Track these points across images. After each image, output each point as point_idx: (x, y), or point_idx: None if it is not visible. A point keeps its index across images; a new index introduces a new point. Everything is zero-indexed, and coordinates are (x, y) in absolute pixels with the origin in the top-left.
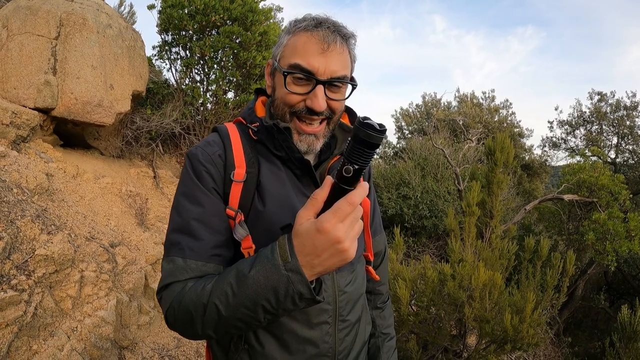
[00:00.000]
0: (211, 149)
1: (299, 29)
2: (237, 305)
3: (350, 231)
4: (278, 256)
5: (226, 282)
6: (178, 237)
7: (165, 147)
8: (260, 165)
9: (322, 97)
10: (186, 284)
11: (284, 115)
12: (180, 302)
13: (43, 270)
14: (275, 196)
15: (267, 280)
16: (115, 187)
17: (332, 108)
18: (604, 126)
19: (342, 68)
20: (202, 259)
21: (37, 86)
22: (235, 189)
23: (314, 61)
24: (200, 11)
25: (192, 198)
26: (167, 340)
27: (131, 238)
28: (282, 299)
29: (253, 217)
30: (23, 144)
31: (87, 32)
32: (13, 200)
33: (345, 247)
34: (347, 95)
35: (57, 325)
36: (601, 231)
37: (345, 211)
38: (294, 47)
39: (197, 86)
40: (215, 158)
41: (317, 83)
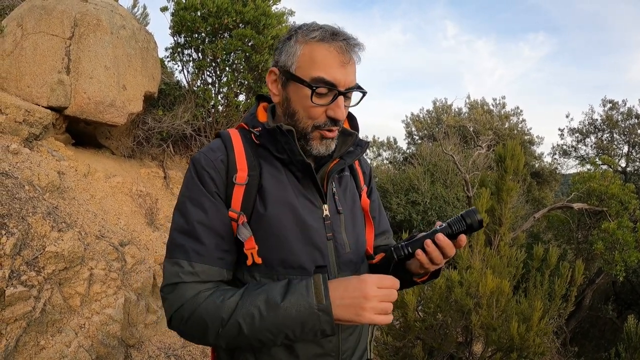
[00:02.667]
0: (213, 155)
1: (314, 40)
2: (261, 329)
3: (378, 299)
4: (313, 296)
5: (254, 305)
6: (182, 238)
7: (176, 148)
8: (262, 168)
9: (343, 107)
10: (199, 292)
11: (306, 129)
12: (194, 311)
13: (53, 267)
14: (276, 199)
15: (298, 315)
16: (125, 186)
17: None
18: (614, 134)
19: (355, 78)
20: (207, 263)
21: (50, 85)
22: (238, 192)
23: (336, 74)
24: (213, 14)
25: (196, 202)
26: (173, 340)
27: (140, 237)
28: (306, 332)
29: (255, 220)
30: (35, 142)
31: (101, 32)
32: (25, 197)
33: (367, 306)
34: (357, 102)
35: (65, 321)
36: (610, 240)
37: (386, 283)
38: (313, 59)
39: (209, 88)
40: (218, 163)
41: (339, 94)
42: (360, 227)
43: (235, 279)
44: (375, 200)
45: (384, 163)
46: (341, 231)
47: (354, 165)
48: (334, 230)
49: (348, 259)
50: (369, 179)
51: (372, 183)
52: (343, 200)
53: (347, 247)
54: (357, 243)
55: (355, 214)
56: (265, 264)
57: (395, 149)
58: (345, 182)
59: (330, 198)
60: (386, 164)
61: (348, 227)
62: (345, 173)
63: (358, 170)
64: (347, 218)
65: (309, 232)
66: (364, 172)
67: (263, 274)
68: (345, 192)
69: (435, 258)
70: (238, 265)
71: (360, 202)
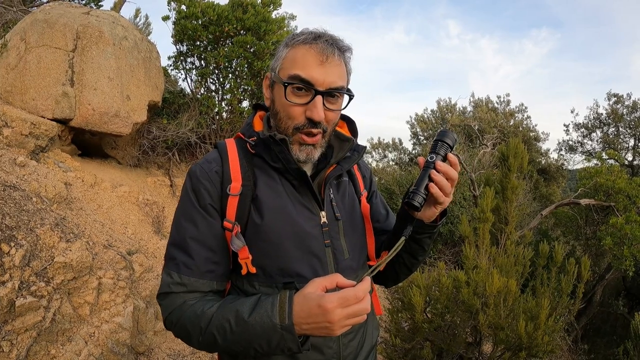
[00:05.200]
0: (208, 166)
1: (298, 42)
2: (233, 341)
3: (344, 319)
4: (277, 314)
5: (225, 318)
6: (175, 252)
7: (182, 156)
8: (257, 178)
9: (321, 107)
10: (185, 301)
11: (287, 130)
12: (179, 319)
13: (62, 277)
14: (272, 208)
15: (263, 332)
16: (132, 195)
17: (328, 119)
18: (620, 128)
19: (339, 79)
20: (194, 276)
21: (55, 97)
22: (232, 202)
23: (314, 72)
24: (214, 22)
25: (188, 217)
26: (182, 347)
27: (148, 246)
28: (273, 347)
29: (251, 230)
30: (42, 154)
31: (103, 44)
32: (32, 209)
33: (333, 329)
34: (343, 106)
35: (75, 330)
36: (618, 236)
37: (349, 301)
38: (293, 59)
39: (212, 95)
40: (212, 175)
41: (316, 93)
42: (359, 233)
43: (236, 287)
44: (378, 202)
45: (389, 164)
46: (339, 237)
47: (352, 170)
48: (332, 236)
49: (347, 265)
50: (369, 182)
51: (373, 186)
52: (341, 206)
53: (345, 253)
54: (357, 248)
55: (355, 219)
56: (264, 272)
57: (401, 150)
58: (344, 187)
59: (327, 204)
60: (392, 165)
61: (347, 233)
62: (344, 179)
63: (357, 174)
64: (346, 224)
65: (307, 239)
66: (364, 176)
67: (262, 283)
68: (344, 197)
69: (445, 186)
70: (237, 274)
71: (360, 207)
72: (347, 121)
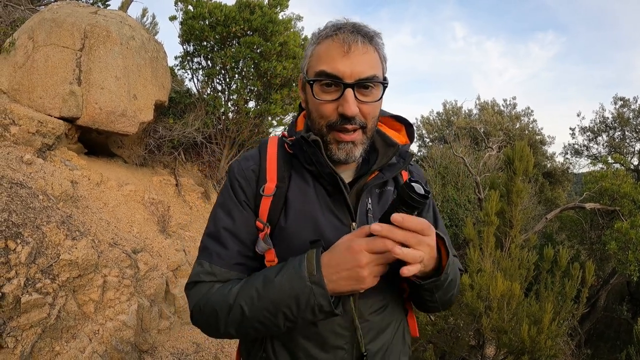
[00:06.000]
0: (246, 164)
1: (321, 37)
2: (260, 308)
3: (372, 264)
4: (305, 268)
5: (253, 286)
6: (209, 242)
7: (188, 155)
8: (291, 180)
9: (352, 100)
10: (213, 286)
11: (321, 129)
12: (207, 302)
13: (67, 274)
14: (298, 212)
15: (292, 289)
16: (138, 194)
17: (363, 112)
18: (626, 132)
19: (368, 68)
20: (225, 267)
21: (62, 96)
22: (265, 203)
23: (338, 64)
24: (221, 22)
25: (225, 209)
26: (186, 346)
27: (153, 245)
28: (302, 308)
29: (277, 232)
30: (49, 152)
31: (110, 43)
32: (39, 207)
33: (363, 274)
34: (379, 97)
35: (79, 328)
36: (623, 240)
37: (377, 246)
38: (318, 56)
39: (219, 96)
40: (249, 173)
41: (345, 87)
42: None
43: None
44: (428, 219)
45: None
46: None
47: (400, 178)
48: None
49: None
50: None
51: (429, 200)
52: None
53: None
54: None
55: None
56: None
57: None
58: (387, 198)
59: (361, 215)
60: None
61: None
62: (388, 188)
63: None
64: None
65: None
66: None
67: None
68: (383, 208)
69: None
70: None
71: None
72: (405, 124)
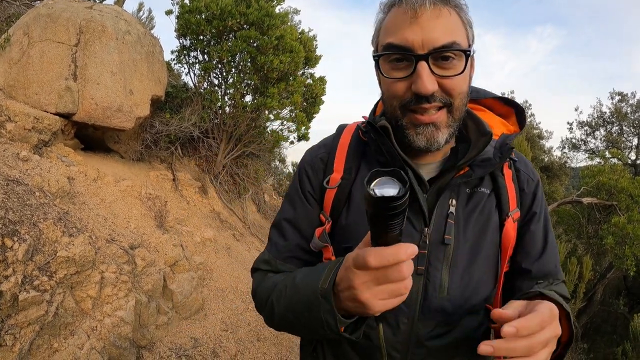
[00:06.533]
0: (317, 152)
1: (385, 7)
2: (285, 308)
3: (373, 284)
4: (322, 277)
5: (284, 284)
6: (272, 232)
7: (184, 150)
8: (359, 172)
9: (427, 75)
10: (266, 275)
11: (395, 112)
12: (257, 290)
13: (64, 271)
14: (360, 209)
15: (306, 297)
16: (135, 189)
17: (446, 88)
18: (624, 127)
19: (444, 34)
20: (280, 258)
21: (58, 92)
22: (329, 196)
23: (406, 33)
24: (217, 16)
25: (290, 199)
26: (184, 341)
27: (150, 240)
28: (313, 320)
29: (337, 229)
30: (45, 148)
31: (106, 38)
32: (35, 204)
33: (361, 297)
34: (462, 69)
35: (77, 324)
36: (620, 235)
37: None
38: (385, 28)
39: (215, 90)
40: (317, 162)
41: (417, 60)
42: (481, 266)
43: None
44: (537, 229)
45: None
46: (440, 267)
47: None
48: (430, 263)
49: (440, 306)
50: (530, 200)
51: (537, 206)
52: (463, 226)
53: (443, 289)
54: (468, 287)
55: (481, 247)
56: None
57: None
58: (477, 201)
59: (439, 220)
60: None
61: (458, 264)
62: (481, 189)
63: (509, 186)
64: (461, 251)
65: None
66: (522, 190)
67: None
68: (472, 214)
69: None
70: None
71: (495, 232)
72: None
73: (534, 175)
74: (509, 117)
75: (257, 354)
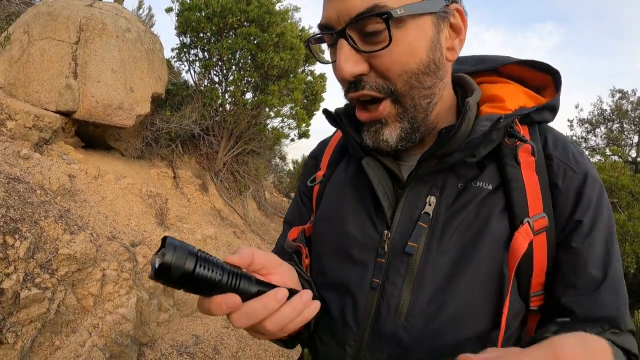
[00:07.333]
0: (313, 150)
1: None
2: None
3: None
4: None
5: None
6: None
7: (185, 147)
8: (338, 167)
9: (343, 54)
10: None
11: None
12: None
13: (66, 269)
14: (328, 206)
15: None
16: (135, 187)
17: (378, 69)
18: (624, 124)
19: (363, 2)
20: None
21: (58, 90)
22: (314, 194)
23: (327, 9)
24: (218, 14)
25: (293, 199)
26: (185, 338)
27: (151, 237)
28: None
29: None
30: (45, 146)
31: (106, 36)
32: (36, 202)
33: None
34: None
35: (79, 322)
36: (621, 232)
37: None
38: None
39: (216, 87)
40: (311, 159)
41: (336, 37)
42: (468, 294)
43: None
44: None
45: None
46: (400, 283)
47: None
48: (386, 276)
49: (393, 333)
50: (572, 203)
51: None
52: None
53: (400, 313)
54: (437, 317)
55: (469, 263)
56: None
57: None
58: (470, 199)
59: (405, 222)
60: None
61: (426, 282)
62: (479, 183)
63: (529, 180)
64: (434, 265)
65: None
66: (555, 185)
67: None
68: (457, 216)
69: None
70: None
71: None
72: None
73: (579, 165)
74: (546, 89)
75: (258, 351)
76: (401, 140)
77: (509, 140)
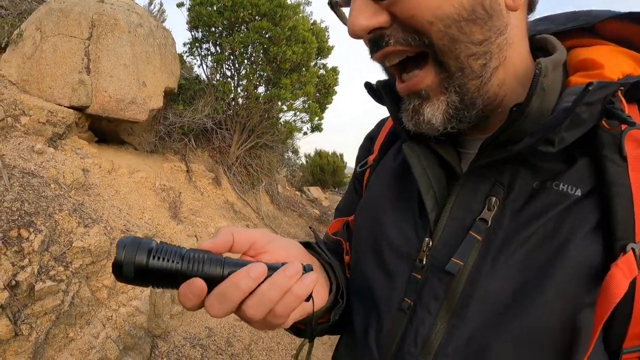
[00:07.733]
0: (373, 128)
1: None
2: None
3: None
4: None
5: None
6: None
7: (198, 141)
8: (389, 151)
9: (357, 6)
10: None
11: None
12: None
13: (80, 261)
14: (367, 198)
15: None
16: (149, 181)
17: (401, 19)
18: None
19: None
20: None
21: (71, 85)
22: (364, 181)
23: None
24: (229, 8)
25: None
26: (198, 330)
27: (165, 231)
28: None
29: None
30: (59, 141)
31: (118, 32)
32: (51, 195)
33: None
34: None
35: (93, 314)
36: None
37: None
38: None
39: (228, 81)
40: (366, 141)
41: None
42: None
43: None
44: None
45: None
46: (436, 309)
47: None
48: (419, 297)
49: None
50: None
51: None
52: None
53: (427, 350)
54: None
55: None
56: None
57: None
58: (548, 205)
59: (453, 230)
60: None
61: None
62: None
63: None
64: (485, 293)
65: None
66: None
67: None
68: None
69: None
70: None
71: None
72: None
73: None
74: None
75: (270, 344)
76: (450, 119)
77: (608, 124)
